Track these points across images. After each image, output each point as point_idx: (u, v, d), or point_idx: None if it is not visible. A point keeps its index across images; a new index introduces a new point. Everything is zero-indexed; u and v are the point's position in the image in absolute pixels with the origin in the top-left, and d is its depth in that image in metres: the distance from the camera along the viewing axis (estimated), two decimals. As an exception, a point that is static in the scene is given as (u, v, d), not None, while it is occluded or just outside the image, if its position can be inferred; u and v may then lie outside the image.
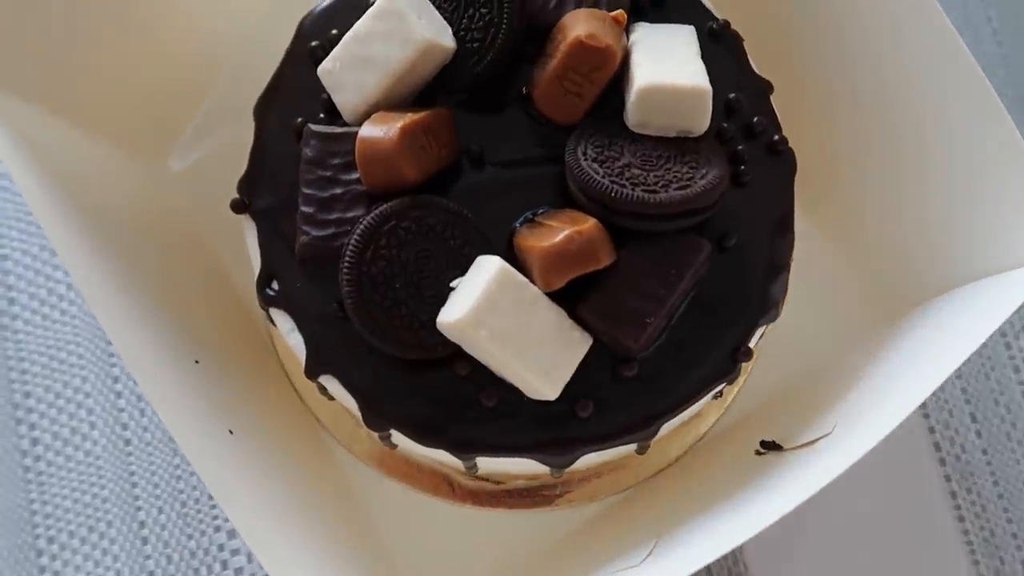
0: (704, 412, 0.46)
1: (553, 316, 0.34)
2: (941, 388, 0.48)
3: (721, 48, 0.39)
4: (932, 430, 0.47)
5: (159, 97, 0.46)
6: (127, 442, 0.47)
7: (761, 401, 0.46)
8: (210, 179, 0.48)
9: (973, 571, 0.46)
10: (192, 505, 0.46)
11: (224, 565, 0.45)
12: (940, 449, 0.47)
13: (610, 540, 0.42)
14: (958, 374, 0.48)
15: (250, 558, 0.45)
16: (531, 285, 0.34)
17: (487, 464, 0.39)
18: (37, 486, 0.46)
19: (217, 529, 0.46)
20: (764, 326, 0.37)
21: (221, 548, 0.46)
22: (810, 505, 0.47)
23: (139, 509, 0.46)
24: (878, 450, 0.46)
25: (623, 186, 0.34)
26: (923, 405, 0.48)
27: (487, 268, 0.33)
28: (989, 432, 0.47)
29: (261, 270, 0.37)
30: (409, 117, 0.35)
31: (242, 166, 0.40)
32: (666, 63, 0.35)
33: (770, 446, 0.39)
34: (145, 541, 0.46)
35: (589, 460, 0.44)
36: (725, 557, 0.46)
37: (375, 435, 0.41)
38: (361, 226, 0.34)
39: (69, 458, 0.47)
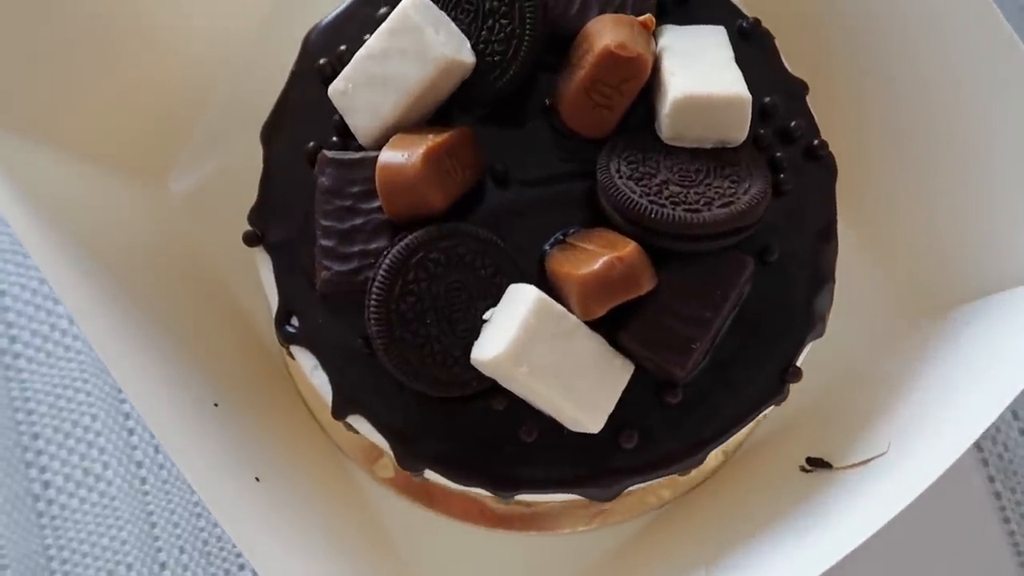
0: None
1: (593, 345, 0.32)
2: (981, 385, 0.46)
3: (752, 48, 0.37)
4: (974, 429, 0.46)
5: (155, 118, 0.44)
6: (143, 480, 0.45)
7: (799, 408, 0.44)
8: (214, 200, 0.46)
9: (1020, 573, 0.45)
10: (214, 544, 0.44)
11: (250, 603, 0.44)
12: (982, 449, 0.46)
13: (649, 562, 0.41)
14: (998, 370, 0.47)
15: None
16: (569, 315, 0.32)
17: (527, 497, 0.37)
18: (52, 531, 0.44)
19: (241, 567, 0.44)
20: (811, 342, 0.35)
21: (247, 586, 0.44)
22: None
23: (159, 550, 0.44)
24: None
25: (663, 206, 0.32)
26: (963, 404, 0.46)
27: (523, 300, 0.31)
28: (1032, 429, 0.46)
29: (279, 306, 0.35)
30: (431, 139, 0.32)
31: (246, 185, 0.38)
32: (700, 70, 0.33)
33: (818, 463, 0.38)
34: (168, 583, 0.44)
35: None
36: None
37: (412, 476, 0.39)
38: (387, 260, 0.32)
39: (84, 500, 0.45)
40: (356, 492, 0.44)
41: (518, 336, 0.31)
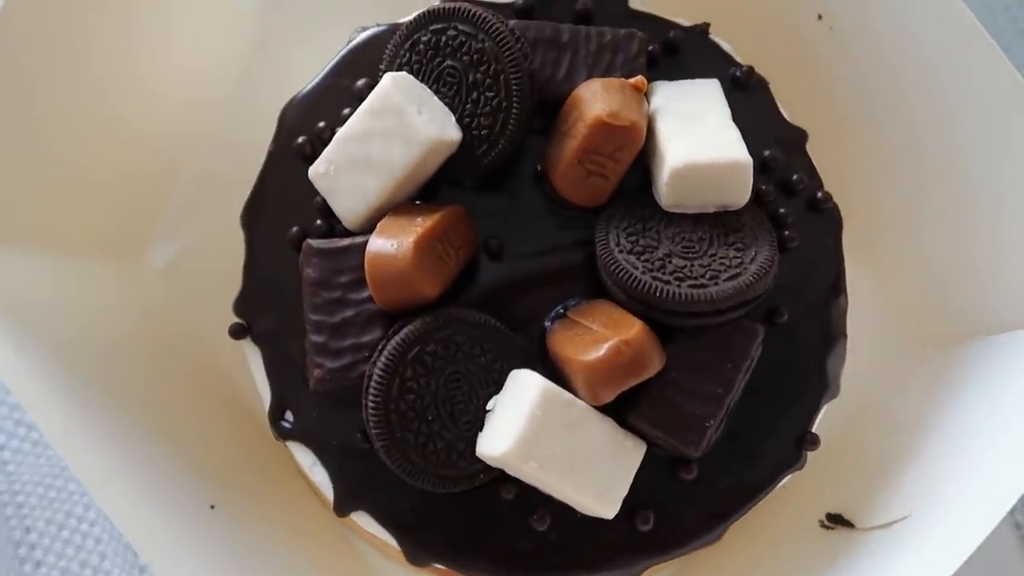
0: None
1: (603, 430, 0.31)
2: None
3: (747, 97, 0.36)
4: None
5: (126, 198, 0.42)
6: (142, 570, 0.43)
7: (818, 452, 0.43)
8: (193, 272, 0.45)
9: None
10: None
11: None
12: (1015, 512, 0.45)
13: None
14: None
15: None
16: (576, 401, 0.31)
17: None
18: (51, 628, 0.43)
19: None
20: (826, 404, 0.34)
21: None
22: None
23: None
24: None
25: (667, 283, 0.31)
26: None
27: (527, 387, 0.30)
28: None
29: (272, 402, 0.34)
30: (422, 224, 0.31)
31: (225, 256, 0.37)
32: (697, 133, 0.32)
33: (838, 520, 0.37)
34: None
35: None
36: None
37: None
38: (383, 358, 0.30)
39: (82, 595, 0.43)
40: (366, 569, 0.43)
41: (525, 431, 0.29)
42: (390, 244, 0.30)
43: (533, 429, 0.29)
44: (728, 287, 0.30)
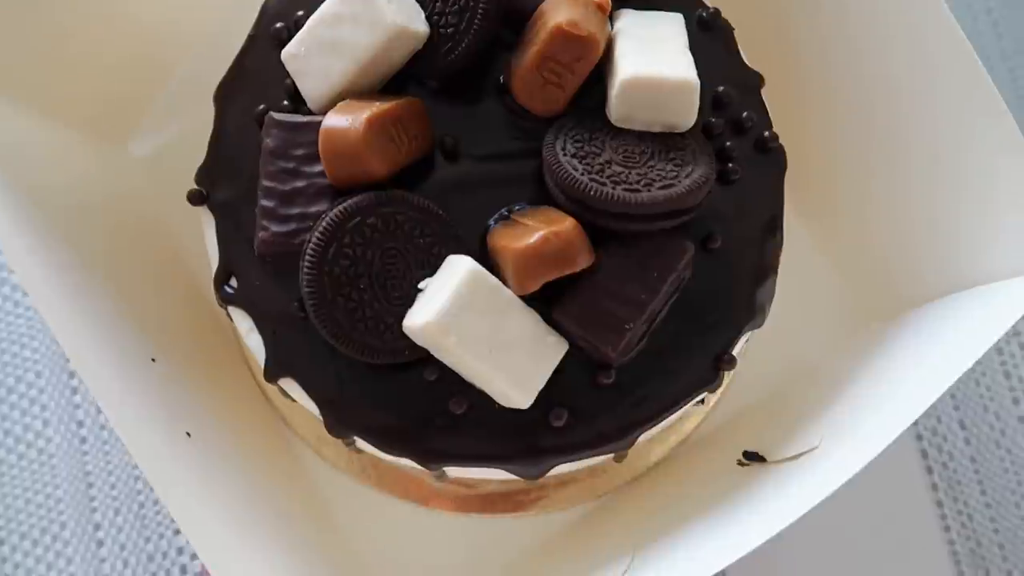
0: (686, 416, 0.45)
1: (527, 321, 0.32)
2: (930, 394, 0.46)
3: (711, 38, 0.37)
4: (920, 437, 0.46)
5: (120, 81, 0.44)
6: (83, 440, 0.45)
7: (746, 405, 0.44)
8: (172, 166, 0.46)
9: (958, 580, 0.45)
10: (151, 507, 0.44)
11: (183, 570, 0.43)
12: (927, 457, 0.46)
13: (586, 548, 0.41)
14: (948, 380, 0.47)
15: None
16: (504, 288, 0.32)
17: (456, 472, 0.37)
18: (-13, 485, 0.44)
19: (177, 532, 0.44)
20: (749, 332, 0.35)
21: (180, 551, 0.44)
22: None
23: (95, 511, 0.44)
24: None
25: (603, 184, 0.32)
26: (911, 411, 0.46)
27: (457, 269, 0.31)
28: (978, 439, 0.46)
29: (219, 266, 0.35)
30: (377, 106, 0.32)
31: (203, 153, 0.38)
32: (652, 54, 0.33)
33: (753, 457, 0.38)
34: (100, 544, 0.44)
35: (565, 466, 0.42)
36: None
37: (346, 447, 0.39)
38: (323, 222, 0.32)
39: (22, 456, 0.44)
40: (299, 466, 0.44)
41: (449, 305, 0.31)
42: (344, 120, 0.32)
43: (457, 304, 0.31)
44: (659, 195, 0.32)
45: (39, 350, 0.45)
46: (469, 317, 0.31)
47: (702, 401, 0.39)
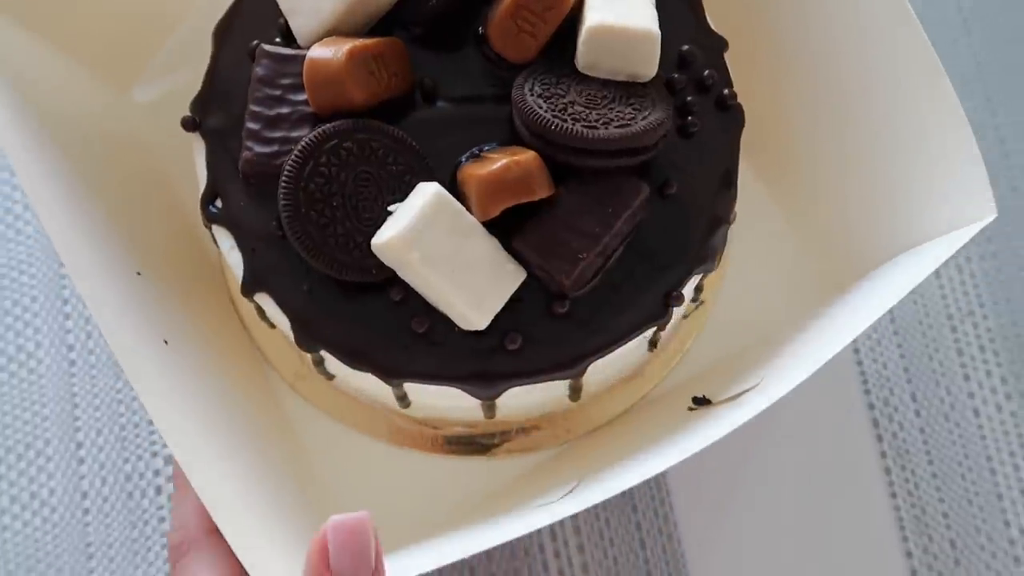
0: (648, 373, 0.47)
1: (488, 246, 0.35)
2: (883, 366, 0.48)
3: (679, 1, 0.39)
4: (872, 406, 0.48)
5: (130, 25, 0.46)
6: (71, 363, 0.47)
7: (703, 366, 0.46)
8: (173, 113, 0.49)
9: (902, 547, 0.46)
10: (131, 430, 0.46)
11: (158, 491, 0.45)
12: (878, 426, 0.47)
13: (538, 486, 0.42)
14: (901, 354, 0.48)
15: (185, 486, 0.45)
16: (467, 214, 0.34)
17: (418, 395, 0.39)
18: (-23, 400, 0.46)
19: (154, 455, 0.46)
20: (700, 275, 0.37)
21: (157, 473, 0.46)
22: (745, 475, 0.48)
23: (78, 430, 0.46)
24: (816, 424, 0.47)
25: (564, 120, 0.34)
26: (864, 382, 0.48)
27: (425, 192, 0.34)
28: (928, 412, 0.48)
29: (206, 187, 0.38)
30: (360, 42, 0.35)
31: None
32: (619, 7, 0.36)
33: (701, 401, 0.40)
34: (81, 461, 0.46)
35: (528, 410, 0.44)
36: (656, 514, 0.46)
37: (316, 370, 0.41)
38: (303, 142, 0.34)
39: (13, 375, 0.47)
40: (273, 397, 0.46)
41: (414, 222, 0.33)
42: (328, 51, 0.35)
43: (422, 222, 0.33)
44: (615, 132, 0.34)
45: (36, 276, 0.48)
46: (433, 235, 0.33)
47: (654, 344, 0.41)
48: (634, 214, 0.36)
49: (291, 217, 0.34)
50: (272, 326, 0.40)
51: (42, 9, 0.42)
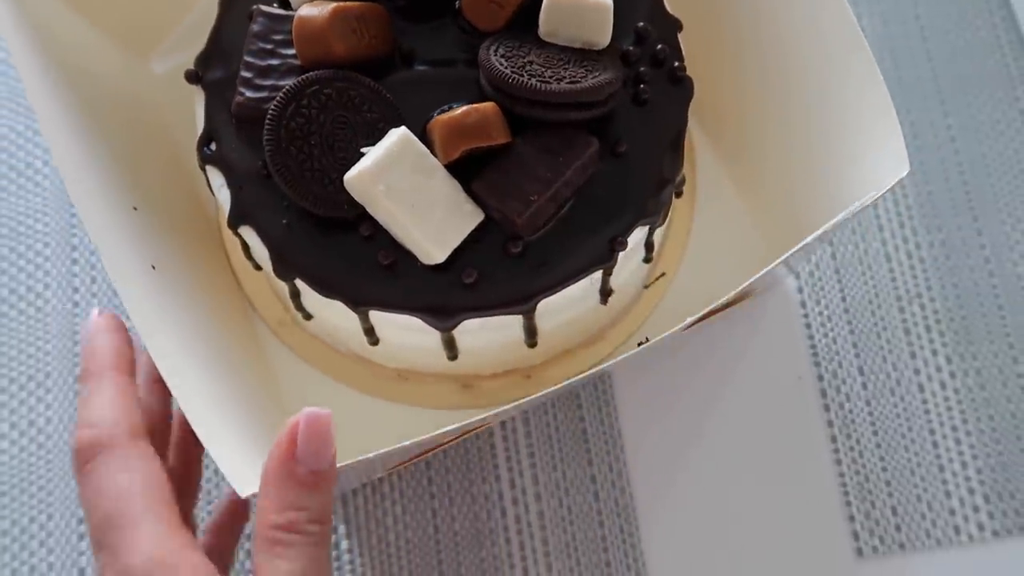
0: (610, 337, 0.50)
1: (449, 186, 0.38)
2: (833, 341, 0.51)
3: (639, -16, 0.44)
4: (821, 378, 0.50)
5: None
6: (75, 304, 0.51)
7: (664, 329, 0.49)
8: (186, 85, 0.53)
9: (845, 512, 0.48)
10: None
11: (146, 424, 0.49)
12: (826, 396, 0.50)
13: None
14: (851, 330, 0.51)
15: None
16: (431, 156, 0.38)
17: (383, 330, 0.42)
18: (-13, 334, 0.50)
19: (145, 391, 0.49)
20: (646, 227, 0.41)
21: (146, 408, 0.49)
22: (700, 438, 0.50)
23: (76, 365, 0.50)
24: (767, 393, 0.50)
25: (521, 76, 0.38)
26: (815, 355, 0.51)
27: (392, 134, 0.38)
28: (874, 386, 0.50)
29: (203, 131, 0.42)
30: (344, 4, 0.39)
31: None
32: (578, -18, 0.40)
33: (644, 343, 0.43)
34: (77, 394, 0.49)
35: (491, 358, 0.47)
36: (613, 485, 0.49)
37: (294, 305, 0.44)
38: (288, 86, 0.38)
39: (22, 312, 0.51)
40: (256, 341, 0.49)
41: (380, 158, 0.37)
42: (315, 10, 0.39)
43: (388, 158, 0.37)
44: (566, 87, 0.38)
45: (49, 224, 0.52)
46: (398, 172, 0.37)
47: (606, 296, 0.44)
48: (584, 165, 0.39)
49: (272, 151, 0.38)
50: (258, 267, 0.44)
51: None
